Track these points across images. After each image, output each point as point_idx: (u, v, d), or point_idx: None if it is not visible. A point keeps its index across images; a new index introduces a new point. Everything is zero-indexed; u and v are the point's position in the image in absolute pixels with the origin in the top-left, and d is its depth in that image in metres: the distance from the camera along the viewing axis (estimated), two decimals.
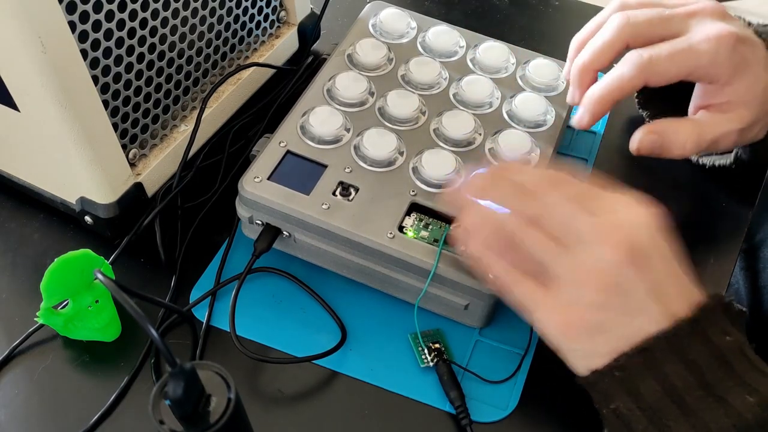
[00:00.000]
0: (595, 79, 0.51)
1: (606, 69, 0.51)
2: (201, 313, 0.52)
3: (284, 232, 0.51)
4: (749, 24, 0.53)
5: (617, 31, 0.49)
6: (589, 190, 0.43)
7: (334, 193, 0.50)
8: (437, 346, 0.50)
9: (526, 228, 0.42)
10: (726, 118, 0.51)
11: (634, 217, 0.41)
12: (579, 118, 0.51)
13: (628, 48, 0.50)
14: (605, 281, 0.40)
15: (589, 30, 0.53)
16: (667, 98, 0.57)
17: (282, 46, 0.66)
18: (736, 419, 0.38)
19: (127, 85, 0.52)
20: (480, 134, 0.55)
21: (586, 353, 0.42)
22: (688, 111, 0.54)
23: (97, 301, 0.50)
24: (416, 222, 0.50)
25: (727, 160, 0.58)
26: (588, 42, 0.51)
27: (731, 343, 0.40)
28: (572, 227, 0.41)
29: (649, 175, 0.52)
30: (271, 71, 0.66)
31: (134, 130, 0.54)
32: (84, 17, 0.46)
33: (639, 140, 0.51)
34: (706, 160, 0.59)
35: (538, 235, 0.42)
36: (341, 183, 0.51)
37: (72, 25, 0.45)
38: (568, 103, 0.55)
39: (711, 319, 0.40)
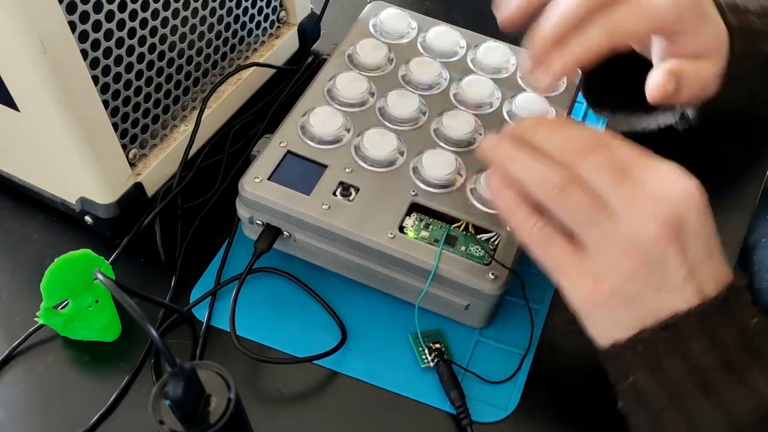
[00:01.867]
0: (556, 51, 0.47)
1: None
2: (201, 313, 0.52)
3: (284, 233, 0.51)
4: None
5: (580, 4, 0.46)
6: (637, 156, 0.41)
7: (334, 193, 0.50)
8: (438, 346, 0.50)
9: (571, 185, 0.40)
10: (707, 63, 0.49)
11: (682, 191, 0.40)
12: (542, 81, 0.47)
13: (589, 14, 0.47)
14: (646, 255, 0.39)
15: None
16: (617, 94, 0.56)
17: (282, 46, 0.66)
18: (756, 401, 0.38)
19: (127, 85, 0.52)
20: (480, 134, 0.55)
21: (610, 323, 0.41)
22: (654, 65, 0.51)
23: (97, 301, 0.50)
24: (417, 222, 0.50)
25: (671, 119, 0.56)
26: (548, 16, 0.48)
27: (757, 324, 0.39)
28: (620, 193, 0.39)
29: None
30: (271, 71, 0.66)
31: (134, 130, 0.54)
32: (84, 17, 0.46)
33: (663, 86, 0.47)
34: (646, 123, 0.58)
35: (581, 194, 0.40)
36: (342, 183, 0.51)
37: (72, 25, 0.45)
38: (524, 73, 0.51)
39: (739, 299, 0.40)
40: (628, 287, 0.39)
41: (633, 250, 0.39)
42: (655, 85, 0.48)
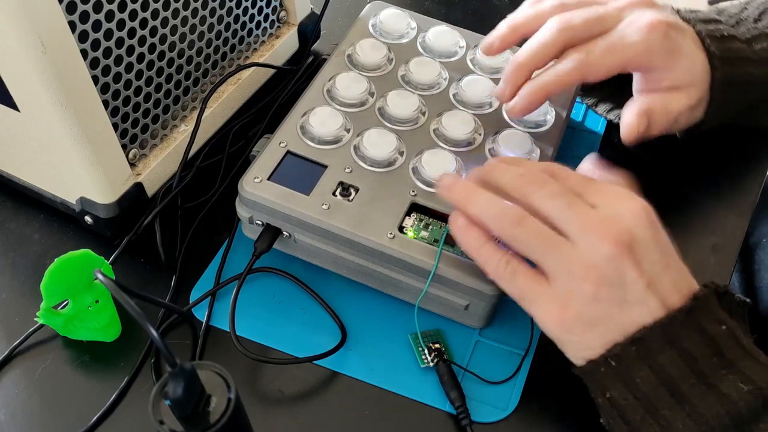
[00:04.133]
0: (529, 78, 0.51)
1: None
2: (201, 313, 0.52)
3: (284, 233, 0.51)
4: (677, 11, 0.54)
5: (556, 34, 0.50)
6: (586, 182, 0.44)
7: (334, 194, 0.50)
8: (437, 346, 0.50)
9: (526, 218, 0.42)
10: (679, 95, 0.52)
11: (629, 209, 0.42)
12: (512, 106, 0.52)
13: (564, 48, 0.50)
14: (604, 274, 0.40)
15: (525, 17, 0.53)
16: (606, 83, 0.58)
17: (282, 46, 0.66)
18: (729, 407, 0.39)
19: (127, 85, 0.52)
20: (480, 134, 0.55)
21: (583, 345, 0.42)
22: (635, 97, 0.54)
23: (97, 301, 0.50)
24: (416, 222, 0.50)
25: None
26: (527, 40, 0.52)
27: (725, 332, 0.40)
28: (572, 218, 0.41)
29: (648, 176, 0.52)
30: (271, 71, 0.66)
31: (134, 130, 0.54)
32: (84, 17, 0.46)
33: (636, 125, 0.50)
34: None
35: (537, 225, 0.42)
36: (341, 183, 0.51)
37: (72, 25, 0.45)
38: (497, 98, 0.54)
39: (705, 308, 0.41)
40: (592, 309, 0.41)
41: (591, 271, 0.41)
42: (627, 125, 0.51)
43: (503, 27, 0.53)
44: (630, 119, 0.51)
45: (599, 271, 0.40)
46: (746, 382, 0.39)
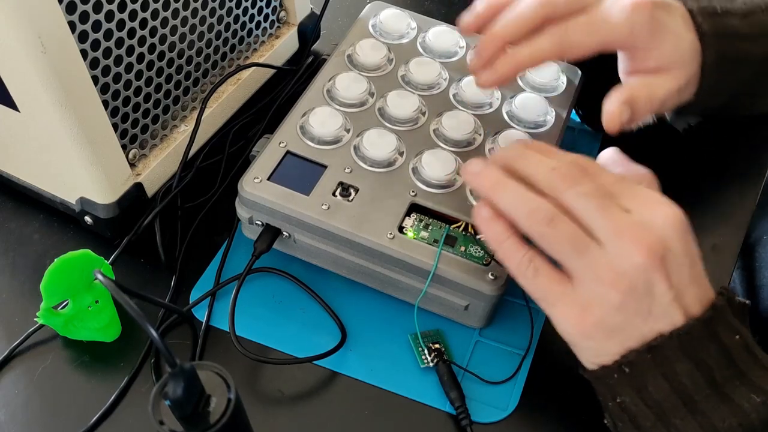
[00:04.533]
0: (503, 51, 0.49)
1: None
2: (201, 314, 0.52)
3: (284, 233, 0.51)
4: None
5: (536, 8, 0.47)
6: (620, 182, 0.42)
7: (333, 194, 0.50)
8: (437, 346, 0.50)
9: (558, 216, 0.40)
10: (665, 78, 0.50)
11: (665, 217, 0.40)
12: (485, 78, 0.49)
13: (543, 23, 0.48)
14: (633, 284, 0.39)
15: None
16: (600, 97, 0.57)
17: (282, 47, 0.66)
18: (742, 418, 0.38)
19: (127, 85, 0.52)
20: (480, 135, 0.55)
21: (599, 351, 0.41)
22: (621, 79, 0.52)
23: (97, 302, 0.50)
24: (416, 222, 0.50)
25: (648, 118, 0.56)
26: (503, 12, 0.49)
27: (739, 342, 0.40)
28: (605, 221, 0.40)
29: None
30: (271, 71, 0.66)
31: (134, 131, 0.54)
32: (84, 17, 0.46)
33: (618, 115, 0.48)
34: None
35: (568, 225, 0.40)
36: (341, 183, 0.51)
37: (72, 25, 0.45)
38: (470, 68, 0.51)
39: (721, 317, 0.40)
40: (615, 317, 0.40)
41: (619, 279, 0.39)
42: (609, 116, 0.48)
43: (479, 4, 0.51)
44: (612, 108, 0.48)
45: (628, 279, 0.39)
46: (758, 393, 0.38)
